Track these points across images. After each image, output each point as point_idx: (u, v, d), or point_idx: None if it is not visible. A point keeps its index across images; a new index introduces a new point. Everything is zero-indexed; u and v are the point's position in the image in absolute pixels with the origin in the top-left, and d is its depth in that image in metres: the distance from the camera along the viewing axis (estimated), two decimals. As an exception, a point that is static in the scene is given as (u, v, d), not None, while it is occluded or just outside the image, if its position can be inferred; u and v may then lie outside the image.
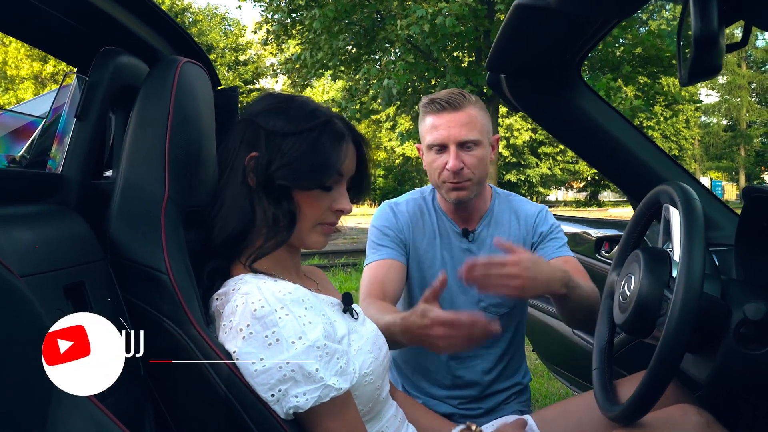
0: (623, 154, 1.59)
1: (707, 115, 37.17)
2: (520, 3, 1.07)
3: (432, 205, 1.80)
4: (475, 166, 1.64)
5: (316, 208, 1.10)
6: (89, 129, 1.08)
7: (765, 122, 35.63)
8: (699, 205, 1.12)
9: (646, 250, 1.24)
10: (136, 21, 1.14)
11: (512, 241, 1.69)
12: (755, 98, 35.97)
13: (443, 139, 1.62)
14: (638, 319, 1.19)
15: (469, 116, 1.62)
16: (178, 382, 0.99)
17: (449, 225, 1.77)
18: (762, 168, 37.63)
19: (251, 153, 1.07)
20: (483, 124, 1.65)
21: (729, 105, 35.23)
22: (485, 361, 1.78)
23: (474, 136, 1.62)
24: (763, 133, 35.92)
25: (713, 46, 0.75)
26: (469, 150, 1.63)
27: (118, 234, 1.01)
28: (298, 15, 13.47)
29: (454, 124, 1.61)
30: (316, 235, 1.13)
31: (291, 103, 1.11)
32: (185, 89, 1.11)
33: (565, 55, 1.39)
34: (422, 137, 1.70)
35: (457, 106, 1.61)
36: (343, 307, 1.16)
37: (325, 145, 1.07)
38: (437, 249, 1.75)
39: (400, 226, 1.76)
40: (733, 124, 36.16)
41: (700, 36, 0.75)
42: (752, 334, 1.12)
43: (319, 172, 1.07)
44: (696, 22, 0.75)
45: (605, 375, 1.36)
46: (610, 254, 2.20)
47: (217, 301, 1.04)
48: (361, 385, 1.07)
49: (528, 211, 1.79)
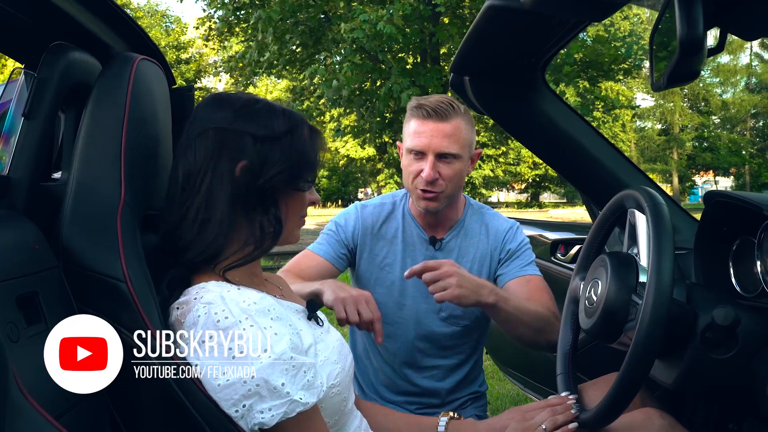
0: (585, 157, 1.61)
1: (642, 119, 38.46)
2: (492, 4, 1.05)
3: (402, 210, 1.79)
4: (450, 178, 1.62)
5: (302, 204, 1.11)
6: (38, 128, 1.01)
7: (696, 127, 37.10)
8: (666, 210, 1.13)
9: (613, 255, 1.24)
10: (88, 15, 1.07)
11: (479, 255, 1.74)
12: (687, 103, 37.39)
13: (423, 146, 1.60)
14: (606, 324, 1.19)
15: (454, 128, 1.59)
16: (137, 396, 0.94)
17: (417, 231, 1.76)
18: (693, 171, 39.19)
19: (240, 162, 1.01)
20: (466, 137, 1.62)
21: (663, 110, 36.54)
22: (443, 371, 1.78)
23: (454, 149, 1.60)
24: (695, 137, 37.40)
25: (698, 51, 0.74)
26: (447, 162, 1.61)
27: (72, 240, 0.95)
28: (242, 13, 13.29)
29: (437, 134, 1.59)
30: (297, 229, 1.13)
31: (255, 105, 1.06)
32: (142, 88, 1.05)
33: (531, 58, 1.38)
34: (404, 138, 1.68)
35: (443, 116, 1.58)
36: (308, 314, 1.13)
37: (308, 144, 1.07)
38: (398, 254, 1.74)
39: (356, 229, 1.76)
40: (667, 129, 37.53)
41: (685, 41, 0.74)
42: (718, 338, 1.14)
43: (310, 170, 1.08)
44: (682, 28, 0.74)
45: (570, 380, 1.36)
46: (566, 257, 2.22)
47: (178, 310, 0.98)
48: (328, 397, 1.04)
49: (499, 226, 1.78)
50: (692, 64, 0.79)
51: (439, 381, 1.78)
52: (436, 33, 12.00)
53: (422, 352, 1.75)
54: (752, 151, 36.82)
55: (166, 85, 1.19)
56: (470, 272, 1.64)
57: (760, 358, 1.11)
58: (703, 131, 37.20)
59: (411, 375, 1.77)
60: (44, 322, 0.85)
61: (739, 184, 38.44)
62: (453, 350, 1.76)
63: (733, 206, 1.27)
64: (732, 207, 1.29)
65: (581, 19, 1.12)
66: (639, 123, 38.45)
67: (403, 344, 1.75)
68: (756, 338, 1.12)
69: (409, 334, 1.73)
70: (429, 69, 12.46)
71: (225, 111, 1.04)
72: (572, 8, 0.92)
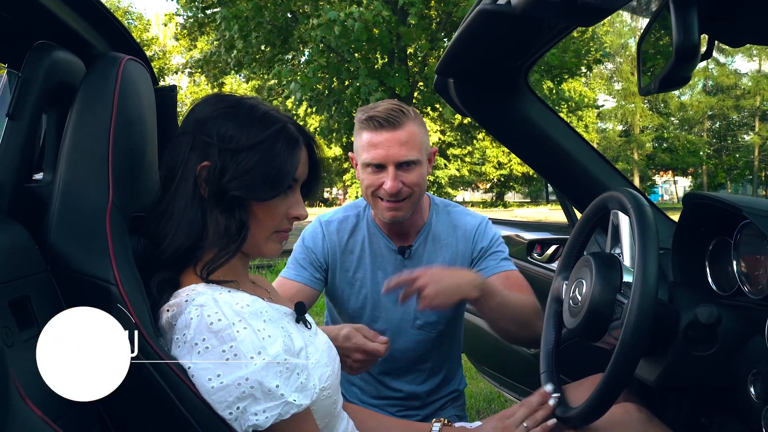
0: (566, 159, 1.63)
1: (604, 120, 39.15)
2: (484, 8, 1.06)
3: (366, 222, 1.75)
4: (414, 184, 1.58)
5: (273, 217, 1.06)
6: (23, 129, 0.99)
7: (656, 128, 37.92)
8: (650, 212, 1.15)
9: (597, 256, 1.26)
10: (71, 13, 1.05)
11: (451, 257, 1.71)
12: (647, 105, 38.20)
13: (381, 158, 1.55)
14: (591, 324, 1.21)
15: (408, 134, 1.55)
16: (129, 400, 0.92)
17: (384, 242, 1.72)
18: (653, 171, 40.06)
19: (203, 162, 1.00)
20: (421, 140, 1.59)
21: (624, 111, 37.26)
22: (422, 374, 1.78)
23: (413, 155, 1.56)
24: (655, 138, 38.22)
25: (693, 57, 0.77)
26: (408, 169, 1.57)
27: (60, 243, 0.93)
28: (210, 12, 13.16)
29: (392, 144, 1.54)
30: (272, 243, 1.09)
31: (240, 107, 1.05)
32: (129, 89, 1.04)
33: (517, 61, 1.40)
34: (357, 152, 1.63)
35: (396, 124, 1.54)
36: (296, 317, 1.12)
37: (281, 154, 1.02)
38: (368, 267, 1.72)
39: (325, 249, 1.72)
40: (628, 129, 38.28)
41: (681, 47, 0.76)
42: (700, 336, 1.17)
43: (276, 182, 1.02)
44: (678, 35, 0.76)
45: (553, 378, 1.38)
46: (543, 257, 2.25)
47: (168, 312, 0.97)
48: (319, 399, 1.04)
49: (467, 224, 1.75)
50: (685, 70, 0.81)
51: (419, 385, 1.78)
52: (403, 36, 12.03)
53: (399, 360, 1.74)
54: (709, 152, 37.83)
55: (151, 85, 1.18)
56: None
57: (740, 355, 1.14)
58: (662, 132, 38.06)
59: (390, 382, 1.77)
60: (36, 326, 0.83)
61: (697, 184, 39.47)
62: (430, 355, 1.76)
63: (710, 207, 1.31)
64: (709, 208, 1.32)
65: (570, 24, 1.14)
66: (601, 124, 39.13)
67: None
68: (735, 336, 1.15)
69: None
70: (396, 69, 12.49)
71: (208, 112, 1.04)
72: (563, 13, 0.93)
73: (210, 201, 1.01)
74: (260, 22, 11.95)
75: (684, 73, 0.81)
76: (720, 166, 38.42)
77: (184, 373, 0.91)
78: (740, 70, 40.16)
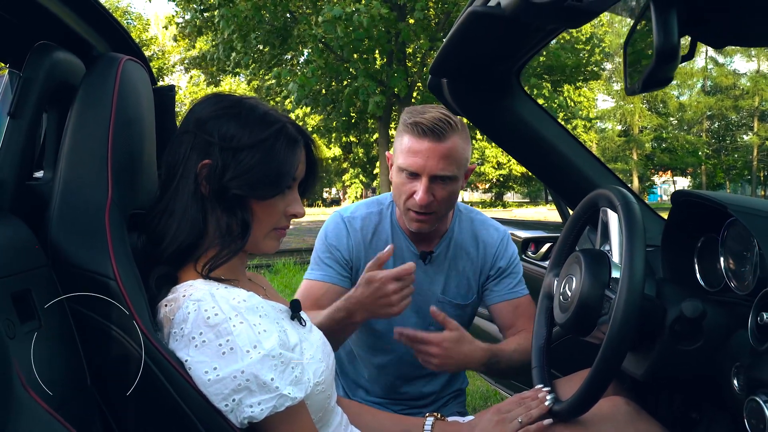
0: (558, 158, 1.65)
1: (603, 120, 39.13)
2: (474, 10, 1.08)
3: (390, 221, 1.72)
4: (444, 200, 1.56)
5: (272, 215, 1.08)
6: (24, 128, 1.01)
7: (655, 128, 37.91)
8: (638, 209, 1.18)
9: (586, 252, 1.29)
10: (72, 15, 1.08)
11: (469, 269, 1.70)
12: (646, 105, 38.19)
13: (418, 168, 1.52)
14: (580, 319, 1.24)
15: (450, 149, 1.51)
16: (127, 392, 0.94)
17: (407, 245, 1.70)
18: (652, 171, 40.04)
19: (204, 161, 1.03)
20: (462, 156, 1.55)
21: (623, 111, 37.24)
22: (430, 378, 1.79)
23: (451, 171, 1.52)
24: (653, 138, 38.21)
25: (673, 59, 0.79)
26: (442, 184, 1.54)
27: (61, 239, 0.96)
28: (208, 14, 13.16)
29: (432, 155, 1.50)
30: (270, 240, 1.11)
31: (240, 107, 1.07)
32: (128, 89, 1.06)
33: (508, 62, 1.42)
34: (396, 153, 1.60)
35: (440, 136, 1.50)
36: (291, 314, 1.15)
37: (280, 154, 1.05)
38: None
39: (350, 246, 1.69)
40: (627, 129, 38.26)
41: (661, 49, 0.79)
42: (685, 330, 1.19)
43: (276, 181, 1.05)
44: (658, 36, 0.78)
45: (544, 373, 1.41)
46: (537, 255, 2.27)
47: (167, 307, 1.00)
48: (313, 394, 1.06)
49: (489, 239, 1.73)
50: (666, 71, 0.83)
51: (425, 386, 1.79)
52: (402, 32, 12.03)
53: (411, 365, 1.71)
54: (708, 152, 37.80)
55: (150, 85, 1.20)
56: (459, 287, 1.68)
57: (724, 349, 1.17)
58: (661, 132, 38.04)
59: (398, 384, 1.77)
60: (37, 319, 0.86)
61: (696, 184, 39.45)
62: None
63: (699, 205, 1.33)
64: (697, 206, 1.35)
65: (558, 25, 1.17)
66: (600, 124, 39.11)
67: (394, 358, 1.73)
68: (720, 330, 1.18)
69: (399, 348, 1.68)
70: (395, 69, 12.50)
71: (208, 111, 1.06)
72: (550, 15, 0.96)
73: (211, 199, 1.03)
74: (259, 21, 11.96)
75: (665, 74, 0.84)
76: (719, 166, 38.41)
77: (182, 366, 0.94)
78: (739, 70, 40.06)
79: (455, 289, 1.70)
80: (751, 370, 1.05)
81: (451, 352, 1.43)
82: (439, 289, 1.69)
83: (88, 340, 0.94)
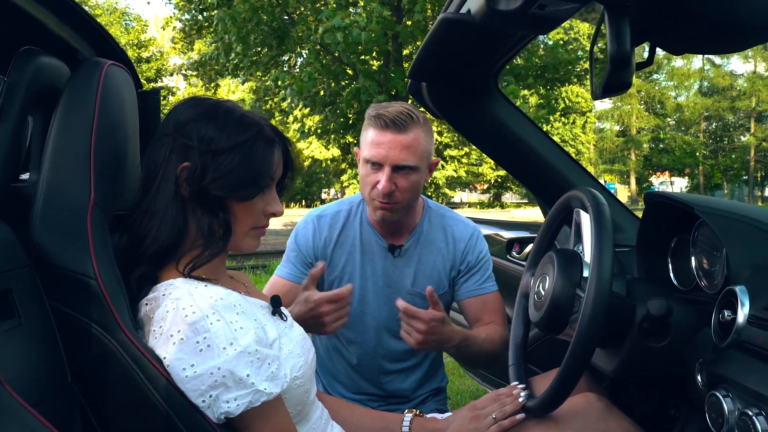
0: (535, 159, 1.68)
1: (601, 121, 39.18)
2: (446, 17, 1.11)
3: (359, 217, 1.78)
4: (406, 190, 1.60)
5: (251, 215, 1.11)
6: (9, 131, 1.03)
7: (652, 129, 37.95)
8: (608, 210, 1.21)
9: (559, 252, 1.31)
10: (56, 20, 1.10)
11: (439, 263, 1.75)
12: (643, 106, 38.25)
13: (381, 158, 1.57)
14: (552, 317, 1.26)
15: (412, 140, 1.57)
16: (107, 389, 0.97)
17: (375, 239, 1.75)
18: (650, 171, 40.08)
19: (183, 163, 1.05)
20: (424, 148, 1.60)
21: (620, 112, 37.29)
22: (405, 373, 1.82)
23: (412, 162, 1.58)
24: (651, 139, 38.26)
25: (626, 66, 0.82)
26: (404, 174, 1.59)
27: (43, 239, 0.98)
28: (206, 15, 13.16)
29: (394, 146, 1.56)
30: (250, 239, 1.14)
31: (218, 109, 1.10)
32: (110, 93, 1.08)
33: (484, 66, 1.45)
34: (362, 146, 1.66)
35: (402, 127, 1.55)
36: (272, 310, 1.17)
37: (259, 155, 1.08)
38: (357, 263, 1.74)
39: (316, 245, 1.75)
40: (625, 130, 38.31)
41: (614, 56, 0.82)
42: (654, 328, 1.22)
43: (255, 181, 1.08)
44: (612, 45, 0.81)
45: (520, 370, 1.43)
46: (521, 255, 2.30)
47: (147, 306, 1.02)
48: (291, 388, 1.08)
49: (459, 234, 1.77)
50: (622, 77, 0.86)
51: (401, 382, 1.82)
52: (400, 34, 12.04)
53: (384, 357, 1.77)
54: (705, 153, 37.86)
55: (133, 89, 1.22)
56: (429, 280, 1.72)
57: (690, 346, 1.20)
58: (659, 133, 38.09)
59: (373, 377, 1.80)
60: (17, 317, 0.88)
61: (694, 184, 39.49)
62: (414, 353, 1.79)
63: (671, 206, 1.36)
64: (669, 207, 1.38)
65: (526, 32, 1.20)
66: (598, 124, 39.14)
67: (365, 350, 1.77)
68: (687, 328, 1.21)
69: (370, 341, 1.75)
70: (393, 70, 12.51)
71: (187, 114, 1.09)
72: (516, 23, 0.99)
73: (191, 201, 1.06)
74: (258, 23, 11.96)
75: (621, 80, 0.87)
76: (716, 166, 38.48)
77: (160, 363, 0.96)
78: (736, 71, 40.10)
79: (425, 282, 1.72)
80: (713, 366, 1.08)
81: (435, 329, 1.47)
82: (409, 282, 1.73)
83: (69, 338, 0.95)
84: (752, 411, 0.94)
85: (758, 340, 1.00)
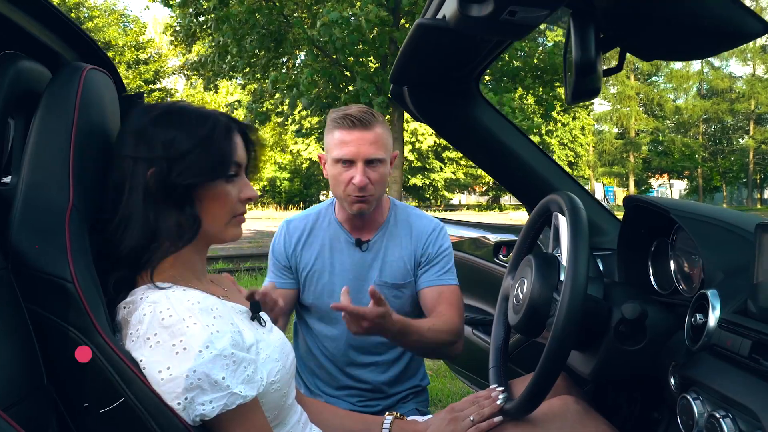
0: (516, 162, 1.70)
1: (600, 123, 39.20)
2: (422, 22, 1.12)
3: (328, 218, 1.88)
4: (378, 182, 1.72)
5: (226, 203, 1.12)
6: None
7: (651, 131, 37.97)
8: (584, 214, 1.21)
9: (538, 255, 1.32)
10: (37, 25, 1.11)
11: (403, 255, 1.83)
12: (642, 108, 38.26)
13: (352, 155, 1.68)
14: (530, 320, 1.27)
15: (377, 135, 1.69)
16: (83, 391, 0.97)
17: (344, 236, 1.84)
18: (649, 174, 40.10)
19: (150, 169, 1.06)
20: (387, 143, 1.73)
21: (619, 114, 37.30)
22: (382, 365, 1.86)
23: (380, 154, 1.70)
24: (650, 141, 38.28)
25: (591, 72, 0.83)
26: (374, 167, 1.70)
27: (21, 242, 0.98)
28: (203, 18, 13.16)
29: (363, 142, 1.68)
30: (233, 227, 1.15)
31: (172, 110, 1.11)
32: (90, 98, 1.09)
33: (463, 70, 1.46)
34: (328, 149, 1.76)
35: (367, 125, 1.68)
36: (251, 315, 1.18)
37: (219, 142, 1.09)
38: (326, 259, 1.83)
39: (287, 249, 1.86)
40: (623, 132, 38.32)
41: (579, 63, 0.83)
42: (629, 331, 1.23)
43: (219, 165, 1.09)
44: (576, 51, 0.82)
45: (501, 373, 1.44)
46: (507, 258, 2.30)
47: (124, 309, 1.03)
48: (268, 392, 1.09)
49: (422, 228, 1.87)
50: (589, 83, 0.87)
51: (380, 375, 1.85)
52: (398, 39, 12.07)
53: (358, 350, 1.83)
54: (704, 155, 37.89)
55: (115, 93, 1.23)
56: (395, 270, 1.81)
57: (666, 349, 1.20)
58: (657, 135, 38.11)
59: (351, 371, 1.85)
60: None
61: (693, 187, 39.53)
62: (387, 346, 1.84)
63: (649, 210, 1.37)
64: (648, 211, 1.38)
65: (500, 38, 1.21)
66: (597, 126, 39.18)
67: (339, 344, 1.83)
68: (662, 331, 1.22)
69: (343, 334, 1.82)
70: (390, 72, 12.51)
71: (143, 122, 1.09)
72: (489, 29, 0.99)
73: (160, 201, 1.06)
74: (253, 25, 11.97)
75: (589, 86, 0.88)
76: (715, 169, 38.53)
77: (137, 366, 0.96)
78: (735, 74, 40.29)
79: (391, 273, 1.82)
80: (685, 369, 1.09)
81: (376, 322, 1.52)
82: (375, 273, 1.82)
83: (46, 340, 0.96)
84: (719, 413, 0.95)
85: (727, 344, 1.00)
